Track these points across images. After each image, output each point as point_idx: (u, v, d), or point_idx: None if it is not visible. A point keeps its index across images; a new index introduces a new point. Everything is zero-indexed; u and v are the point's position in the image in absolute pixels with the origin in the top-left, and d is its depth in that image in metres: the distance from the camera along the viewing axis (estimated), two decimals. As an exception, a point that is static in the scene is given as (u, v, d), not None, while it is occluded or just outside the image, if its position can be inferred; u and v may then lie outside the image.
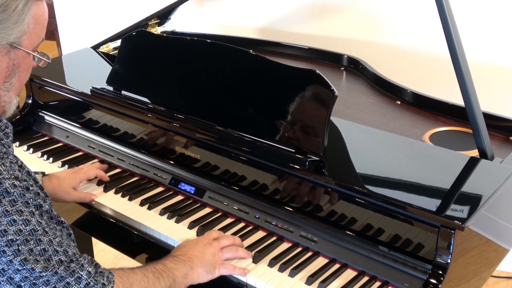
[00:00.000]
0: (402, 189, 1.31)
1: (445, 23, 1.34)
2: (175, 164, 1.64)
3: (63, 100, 1.94)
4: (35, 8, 1.12)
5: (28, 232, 1.02)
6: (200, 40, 1.63)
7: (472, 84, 1.40)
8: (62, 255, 1.05)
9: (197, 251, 1.30)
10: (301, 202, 1.42)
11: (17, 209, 1.02)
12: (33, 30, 1.12)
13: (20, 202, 1.03)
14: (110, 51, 2.22)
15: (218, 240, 1.35)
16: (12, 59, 1.12)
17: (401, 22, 2.36)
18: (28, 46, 1.13)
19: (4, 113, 1.18)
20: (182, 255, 1.29)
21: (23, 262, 1.00)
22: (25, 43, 1.12)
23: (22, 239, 1.01)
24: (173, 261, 1.27)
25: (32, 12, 1.11)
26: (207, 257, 1.30)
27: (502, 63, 2.20)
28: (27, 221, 1.02)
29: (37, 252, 1.02)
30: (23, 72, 1.16)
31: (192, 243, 1.34)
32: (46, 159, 1.80)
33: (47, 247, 1.03)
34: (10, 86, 1.14)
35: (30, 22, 1.11)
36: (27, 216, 1.03)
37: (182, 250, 1.31)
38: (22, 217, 1.02)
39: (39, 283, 1.01)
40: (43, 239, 1.03)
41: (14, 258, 0.99)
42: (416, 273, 1.25)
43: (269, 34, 2.70)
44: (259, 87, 1.50)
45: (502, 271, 2.43)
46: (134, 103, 1.70)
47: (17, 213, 1.02)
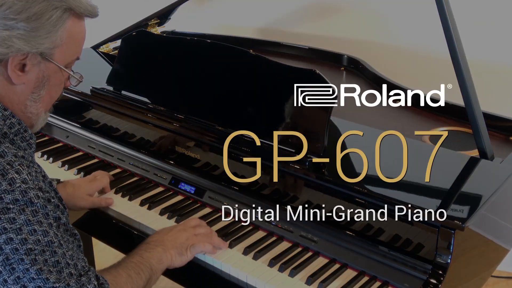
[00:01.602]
0: (402, 189, 1.31)
1: (445, 23, 1.34)
2: (175, 164, 1.64)
3: (63, 100, 1.93)
4: (71, 23, 1.12)
5: (46, 243, 1.04)
6: (200, 40, 1.63)
7: (472, 84, 1.40)
8: (72, 268, 1.07)
9: (171, 236, 1.34)
10: (301, 202, 1.42)
11: (38, 220, 1.04)
12: (66, 45, 1.12)
13: (41, 213, 1.05)
14: (110, 51, 2.22)
15: (194, 228, 1.38)
16: (43, 70, 1.12)
17: (401, 22, 2.36)
18: (60, 60, 1.13)
19: (32, 127, 1.18)
20: (155, 240, 1.32)
21: (39, 271, 1.02)
22: (56, 56, 1.12)
23: (40, 249, 1.03)
24: (148, 249, 1.29)
25: (67, 26, 1.11)
26: (179, 241, 1.33)
27: (502, 63, 2.20)
28: (46, 233, 1.04)
29: (51, 264, 1.04)
30: (53, 87, 1.17)
31: (167, 229, 1.38)
32: (46, 159, 1.80)
33: (60, 259, 1.05)
34: (38, 98, 1.15)
35: (64, 36, 1.11)
36: (45, 228, 1.05)
37: (156, 236, 1.34)
38: (42, 228, 1.04)
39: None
40: (58, 251, 1.05)
41: (31, 267, 1.01)
42: (416, 273, 1.25)
43: (269, 34, 2.70)
44: (259, 87, 1.50)
45: (502, 271, 2.43)
46: (134, 103, 1.69)
47: (37, 224, 1.04)
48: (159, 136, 1.68)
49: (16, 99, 1.13)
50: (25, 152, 1.12)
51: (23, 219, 1.02)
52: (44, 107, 1.18)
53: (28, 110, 1.15)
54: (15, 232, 1.01)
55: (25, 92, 1.13)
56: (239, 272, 1.33)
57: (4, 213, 1.01)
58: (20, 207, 1.02)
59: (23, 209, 1.02)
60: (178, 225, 1.41)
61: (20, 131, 1.13)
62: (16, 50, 1.06)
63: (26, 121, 1.16)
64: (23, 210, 1.02)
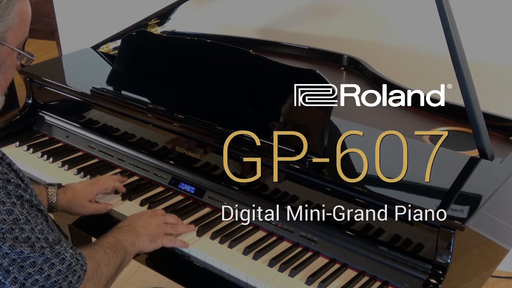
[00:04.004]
0: (402, 189, 1.31)
1: (445, 23, 1.34)
2: (175, 164, 1.64)
3: (63, 100, 1.93)
4: (19, 4, 1.13)
5: (11, 221, 1.06)
6: (200, 40, 1.63)
7: (472, 84, 1.40)
8: (43, 241, 1.10)
9: (142, 222, 1.38)
10: (301, 202, 1.42)
11: (0, 200, 1.06)
12: (17, 26, 1.13)
13: (2, 193, 1.06)
14: (110, 51, 2.22)
15: (163, 215, 1.44)
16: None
17: (401, 22, 2.36)
18: (12, 42, 1.14)
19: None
20: (127, 225, 1.36)
21: (12, 247, 1.04)
22: (9, 39, 1.13)
23: (7, 228, 1.05)
24: (121, 232, 1.33)
25: (16, 7, 1.12)
26: (151, 227, 1.38)
27: (502, 63, 2.20)
28: (10, 211, 1.07)
29: (21, 240, 1.06)
30: (8, 69, 1.17)
31: (137, 215, 1.42)
32: (46, 159, 1.80)
33: (30, 234, 1.08)
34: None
35: (15, 18, 1.12)
36: (9, 206, 1.07)
37: (127, 222, 1.38)
38: (5, 208, 1.06)
39: (26, 265, 1.06)
40: (25, 227, 1.08)
41: (3, 244, 1.04)
42: (416, 273, 1.25)
43: (269, 34, 2.70)
44: (259, 87, 1.50)
45: (502, 271, 2.43)
46: (134, 103, 1.70)
47: (0, 204, 1.06)
48: (159, 136, 1.68)
49: None
50: None
51: None
52: (1, 91, 1.18)
53: None
54: None
55: None
56: (239, 272, 1.33)
57: None
58: None
59: None
60: (146, 211, 1.46)
61: None
62: None
63: None
64: None
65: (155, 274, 1.60)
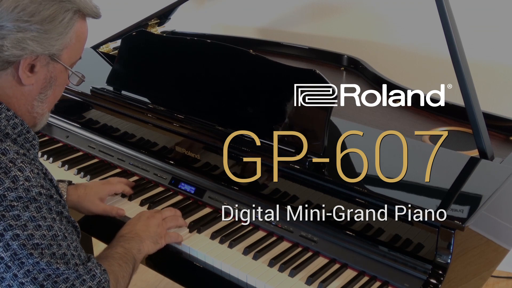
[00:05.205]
0: (402, 189, 1.31)
1: (445, 23, 1.34)
2: (175, 164, 1.64)
3: (63, 100, 1.93)
4: (79, 25, 1.15)
5: (51, 237, 1.07)
6: (200, 40, 1.63)
7: (472, 84, 1.40)
8: (77, 258, 1.11)
9: (141, 225, 1.38)
10: (301, 202, 1.42)
11: (42, 216, 1.07)
12: (73, 46, 1.15)
13: (44, 209, 1.08)
14: (110, 51, 2.22)
15: (160, 212, 1.44)
16: (50, 71, 1.14)
17: (401, 22, 2.36)
18: (66, 61, 1.16)
19: (34, 126, 1.20)
20: (128, 232, 1.36)
21: (49, 263, 1.06)
22: (64, 57, 1.15)
23: (46, 244, 1.06)
24: (126, 241, 1.33)
25: (75, 27, 1.14)
26: (151, 229, 1.38)
27: (502, 63, 2.20)
28: (50, 227, 1.08)
29: (58, 256, 1.08)
30: (58, 87, 1.19)
31: (135, 219, 1.42)
32: (46, 159, 1.80)
33: (66, 251, 1.09)
34: (45, 98, 1.17)
35: (73, 37, 1.14)
36: (50, 222, 1.08)
37: (127, 228, 1.38)
38: (46, 223, 1.07)
39: (59, 281, 1.07)
40: (62, 244, 1.09)
41: (41, 260, 1.05)
42: (416, 273, 1.25)
43: (269, 34, 2.70)
44: (259, 87, 1.50)
45: (502, 271, 2.43)
46: (134, 103, 1.70)
47: (42, 219, 1.07)
48: (159, 136, 1.68)
49: (24, 99, 1.14)
50: (28, 152, 1.14)
51: (27, 215, 1.05)
52: (48, 107, 1.20)
53: (34, 110, 1.17)
54: (21, 229, 1.04)
55: (33, 92, 1.15)
56: (239, 272, 1.33)
57: (9, 211, 1.03)
58: (24, 204, 1.04)
59: (27, 206, 1.05)
60: (143, 212, 1.45)
61: (23, 132, 1.15)
62: (30, 52, 1.08)
63: (30, 121, 1.17)
64: (27, 207, 1.05)
65: (155, 274, 1.60)
